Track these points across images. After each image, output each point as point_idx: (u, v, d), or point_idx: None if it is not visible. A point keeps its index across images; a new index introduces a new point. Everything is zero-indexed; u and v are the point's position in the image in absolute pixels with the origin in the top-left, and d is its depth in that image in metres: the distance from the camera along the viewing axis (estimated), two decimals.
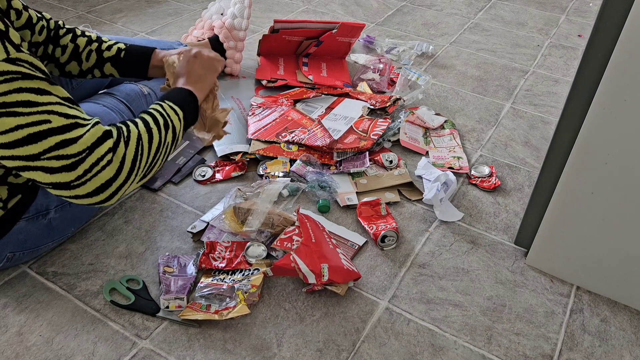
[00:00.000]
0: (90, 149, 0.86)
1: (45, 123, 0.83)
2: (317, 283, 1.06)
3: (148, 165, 0.95)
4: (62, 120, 0.84)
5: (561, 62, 2.07)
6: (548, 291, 1.16)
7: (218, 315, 1.03)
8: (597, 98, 0.96)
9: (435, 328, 1.07)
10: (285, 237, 1.16)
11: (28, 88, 0.82)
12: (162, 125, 0.98)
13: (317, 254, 1.09)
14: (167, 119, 1.00)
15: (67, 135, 0.85)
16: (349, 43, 1.89)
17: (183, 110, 1.04)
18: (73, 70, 1.21)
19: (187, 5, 2.34)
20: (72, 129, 0.85)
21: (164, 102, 1.03)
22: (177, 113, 1.03)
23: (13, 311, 1.05)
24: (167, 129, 0.99)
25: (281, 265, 1.07)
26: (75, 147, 0.85)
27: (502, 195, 1.41)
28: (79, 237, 1.21)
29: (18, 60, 0.82)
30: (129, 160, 0.90)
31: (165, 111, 1.01)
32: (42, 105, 0.83)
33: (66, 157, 0.84)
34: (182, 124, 1.04)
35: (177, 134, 1.03)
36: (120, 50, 1.22)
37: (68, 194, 0.87)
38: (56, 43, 1.17)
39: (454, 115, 1.71)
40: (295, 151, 1.46)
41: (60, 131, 0.84)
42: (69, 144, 0.84)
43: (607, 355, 1.04)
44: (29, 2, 2.28)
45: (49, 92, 0.85)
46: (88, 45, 1.20)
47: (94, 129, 0.87)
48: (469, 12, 2.44)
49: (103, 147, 0.87)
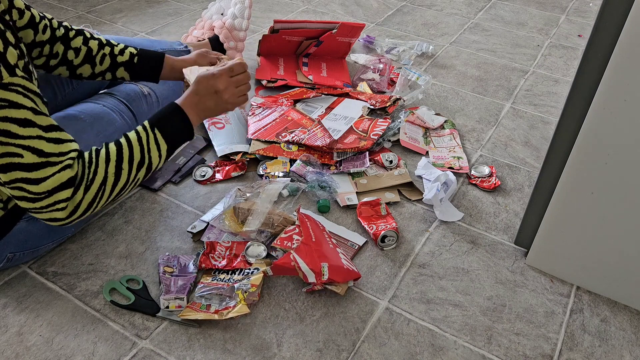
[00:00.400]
0: (49, 193, 0.89)
1: (17, 156, 0.86)
2: (317, 282, 1.06)
3: (109, 202, 0.97)
4: (34, 158, 0.87)
5: (561, 62, 2.07)
6: (548, 291, 1.16)
7: (218, 315, 1.03)
8: (597, 98, 0.96)
9: (435, 328, 1.07)
10: (285, 236, 1.16)
11: (13, 118, 0.84)
12: (135, 164, 0.97)
13: (317, 253, 1.09)
14: (146, 156, 0.98)
15: (33, 174, 0.87)
16: (349, 43, 1.89)
17: (169, 143, 1.01)
18: (84, 73, 1.22)
19: (187, 5, 2.34)
20: (40, 168, 0.88)
21: (153, 131, 0.99)
22: (160, 148, 1.00)
23: (13, 311, 1.05)
24: (141, 167, 0.98)
25: (281, 264, 1.07)
26: (36, 188, 0.88)
27: (502, 195, 1.41)
28: (79, 237, 1.21)
29: (11, 85, 0.83)
30: (85, 204, 0.93)
31: (148, 146, 0.98)
32: (21, 139, 0.85)
33: (27, 192, 0.88)
34: (164, 157, 1.02)
35: (154, 168, 1.01)
36: (133, 56, 1.23)
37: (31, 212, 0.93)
38: (68, 45, 1.17)
39: (454, 115, 1.71)
40: (295, 151, 1.46)
41: (28, 168, 0.87)
42: (32, 183, 0.88)
43: (607, 355, 1.04)
44: (29, 2, 2.28)
45: (32, 124, 0.86)
46: (101, 49, 1.21)
47: (60, 175, 0.89)
48: (469, 12, 2.44)
49: (61, 194, 0.89)
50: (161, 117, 1.02)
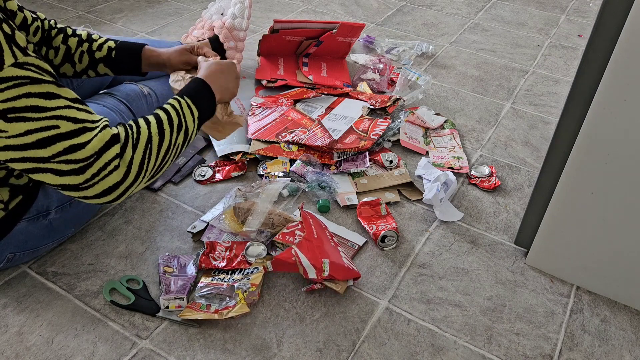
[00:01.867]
0: (97, 154, 0.86)
1: (54, 128, 0.84)
2: (318, 278, 1.06)
3: (156, 166, 0.95)
4: (71, 125, 0.85)
5: (561, 62, 2.07)
6: (548, 291, 1.16)
7: (218, 315, 1.03)
8: (597, 98, 0.96)
9: (435, 328, 1.07)
10: (287, 232, 1.16)
11: (37, 93, 0.83)
12: (175, 126, 0.97)
13: (319, 250, 1.09)
14: (182, 120, 0.99)
15: (75, 140, 0.85)
16: (349, 43, 1.89)
17: (199, 110, 1.03)
18: (67, 72, 1.21)
19: (187, 5, 2.34)
20: (80, 134, 0.86)
21: (183, 98, 1.02)
22: (193, 113, 1.02)
23: (13, 311, 1.05)
24: (180, 130, 0.98)
25: (282, 258, 1.07)
26: (83, 152, 0.86)
27: (502, 195, 1.41)
28: (79, 237, 1.21)
29: (26, 64, 0.82)
30: (136, 164, 0.90)
31: (182, 110, 1.00)
32: (51, 110, 0.84)
33: (74, 162, 0.85)
34: (196, 124, 1.03)
35: (190, 135, 1.02)
36: (111, 50, 1.22)
37: (77, 195, 0.89)
38: (49, 44, 1.17)
39: (454, 115, 1.71)
40: (295, 151, 1.46)
41: (68, 136, 0.85)
42: (77, 149, 0.85)
43: (607, 355, 1.04)
44: (29, 2, 2.28)
45: (57, 96, 0.85)
46: (79, 47, 1.20)
47: (102, 134, 0.87)
48: (469, 12, 2.44)
49: (110, 152, 0.87)
50: (190, 88, 1.05)
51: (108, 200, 0.91)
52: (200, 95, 1.05)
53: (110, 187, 0.89)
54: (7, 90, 0.80)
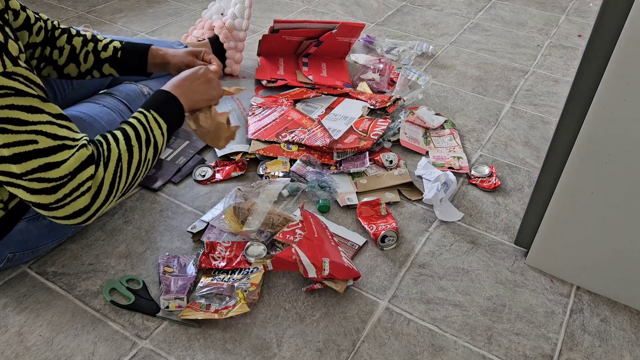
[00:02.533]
0: (72, 175, 0.86)
1: (32, 143, 0.83)
2: (318, 277, 1.06)
3: (127, 184, 0.94)
4: (49, 142, 0.84)
5: (561, 62, 2.07)
6: (548, 291, 1.16)
7: (218, 315, 1.03)
8: (597, 98, 0.96)
9: (435, 328, 1.07)
10: (288, 231, 1.16)
11: (20, 105, 0.82)
12: (143, 141, 0.96)
13: (319, 249, 1.09)
14: (150, 134, 0.97)
15: (52, 158, 0.84)
16: (349, 43, 1.89)
17: (168, 123, 1.01)
18: (72, 73, 1.21)
19: (187, 5, 2.34)
20: (58, 152, 0.85)
21: (149, 112, 1.00)
22: (161, 126, 1.00)
23: (13, 311, 1.05)
24: (149, 145, 0.97)
25: (282, 257, 1.07)
26: (57, 172, 0.85)
27: (502, 195, 1.41)
28: (79, 237, 1.21)
29: (14, 74, 0.81)
30: (107, 184, 0.90)
31: (149, 124, 0.98)
32: (32, 125, 0.83)
33: (47, 181, 0.84)
34: (165, 137, 1.01)
35: (159, 148, 1.00)
36: (117, 50, 1.21)
37: (46, 214, 0.88)
38: (53, 45, 1.16)
39: (454, 115, 1.71)
40: (295, 151, 1.46)
41: (45, 153, 0.84)
42: (52, 167, 0.84)
43: (607, 355, 1.04)
44: (29, 2, 2.28)
45: (40, 110, 0.84)
46: (85, 46, 1.19)
47: (79, 153, 0.86)
48: (469, 12, 2.44)
49: (85, 174, 0.87)
50: (153, 100, 1.03)
51: (78, 222, 0.90)
52: (166, 106, 1.03)
53: (81, 209, 0.88)
54: None
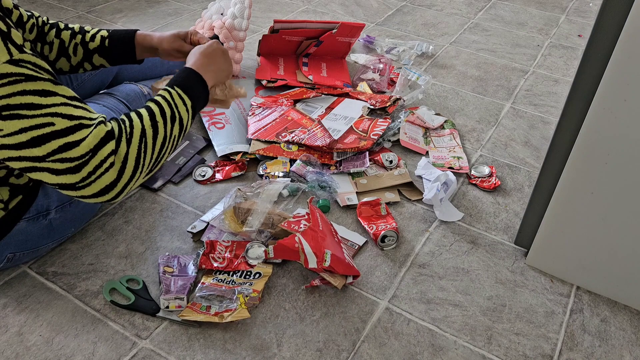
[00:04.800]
0: (92, 152, 0.85)
1: (48, 126, 0.83)
2: (318, 267, 1.06)
3: (153, 161, 0.93)
4: (66, 123, 0.84)
5: (561, 62, 2.07)
6: (548, 291, 1.16)
7: (218, 318, 1.03)
8: (597, 98, 0.96)
9: (435, 328, 1.07)
10: (294, 221, 1.16)
11: (32, 90, 0.82)
12: (168, 117, 0.95)
13: (323, 240, 1.10)
14: (175, 110, 0.97)
15: (70, 137, 0.84)
16: (349, 43, 1.89)
17: (192, 99, 1.01)
18: (64, 67, 1.21)
19: (187, 5, 2.35)
20: (76, 131, 0.85)
21: (173, 88, 0.99)
22: (186, 103, 0.99)
23: (13, 311, 1.05)
24: (174, 122, 0.96)
25: (285, 244, 1.07)
26: (78, 150, 0.84)
27: (502, 195, 1.41)
28: (79, 237, 1.21)
29: (21, 61, 0.82)
30: (132, 160, 0.89)
31: (173, 101, 0.97)
32: (46, 108, 0.83)
33: (70, 160, 0.84)
34: (190, 113, 1.01)
35: (185, 125, 1.00)
36: (104, 39, 1.20)
37: (75, 194, 0.88)
38: (43, 40, 1.16)
39: (454, 115, 1.71)
40: (295, 151, 1.46)
41: (63, 134, 0.84)
42: (72, 147, 0.84)
43: (607, 355, 1.04)
44: (29, 1, 2.28)
45: (53, 93, 0.84)
46: (73, 39, 1.19)
47: (97, 130, 0.86)
48: (469, 12, 2.44)
49: (105, 149, 0.86)
50: (178, 77, 1.02)
51: (107, 199, 0.89)
52: (191, 83, 1.03)
53: (108, 185, 0.87)
54: (2, 87, 0.80)
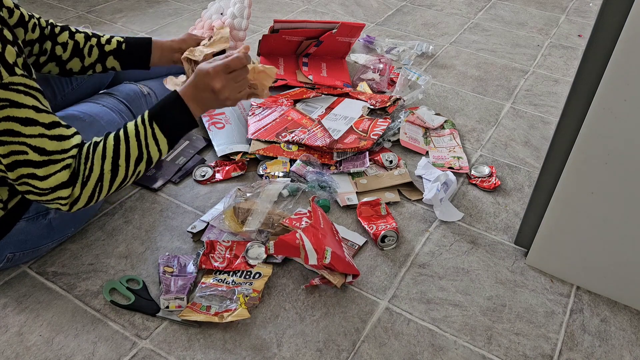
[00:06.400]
0: (52, 190, 0.92)
1: (22, 154, 0.89)
2: (318, 264, 1.06)
3: (110, 192, 0.99)
4: (37, 157, 0.89)
5: (561, 62, 2.07)
6: (548, 291, 1.16)
7: (218, 318, 1.03)
8: (597, 98, 0.96)
9: (435, 328, 1.07)
10: (295, 217, 1.16)
11: (15, 117, 0.86)
12: (133, 159, 0.97)
13: (324, 238, 1.10)
14: (144, 151, 0.98)
15: (38, 171, 0.90)
16: (349, 43, 1.89)
17: (168, 137, 0.99)
18: (74, 67, 1.22)
19: (187, 5, 2.34)
20: (43, 166, 0.90)
21: (152, 125, 0.97)
22: (159, 143, 0.99)
23: (13, 311, 1.05)
24: (140, 162, 0.98)
25: (286, 240, 1.07)
26: (40, 184, 0.91)
27: (502, 195, 1.41)
28: (79, 237, 1.21)
29: (11, 84, 0.84)
30: (84, 198, 0.95)
31: (146, 140, 0.97)
32: (24, 137, 0.88)
33: (33, 187, 0.91)
34: (164, 151, 1.01)
35: (154, 162, 1.01)
36: (120, 43, 1.24)
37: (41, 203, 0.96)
38: (55, 41, 1.18)
39: (454, 115, 1.71)
40: (295, 151, 1.46)
41: (33, 165, 0.90)
42: (37, 179, 0.90)
43: (607, 355, 1.04)
44: (29, 1, 2.28)
45: (34, 122, 0.88)
46: (88, 41, 1.22)
47: (60, 175, 0.91)
48: (469, 12, 2.44)
49: (62, 193, 0.92)
50: (160, 108, 0.99)
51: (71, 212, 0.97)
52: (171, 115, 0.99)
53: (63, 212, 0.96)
54: None
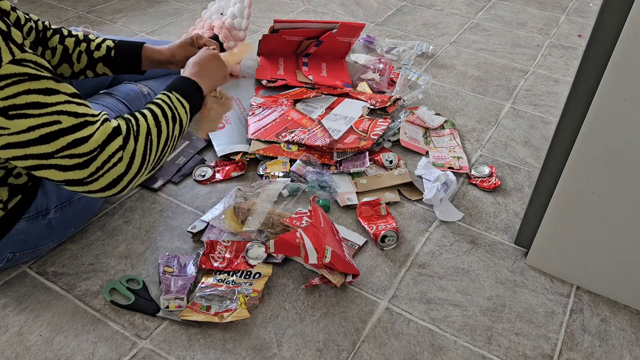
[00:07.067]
0: (101, 147, 0.88)
1: (56, 124, 0.85)
2: (318, 263, 1.06)
3: (157, 158, 0.97)
4: (72, 120, 0.86)
5: (561, 62, 2.07)
6: (548, 291, 1.16)
7: (218, 318, 1.03)
8: (597, 98, 0.96)
9: (435, 328, 1.07)
10: (296, 217, 1.16)
11: (36, 89, 0.83)
12: (170, 118, 0.99)
13: (324, 237, 1.10)
14: (175, 112, 1.01)
15: (78, 134, 0.86)
16: (349, 43, 1.89)
17: (189, 103, 1.05)
18: (65, 73, 1.21)
19: (187, 5, 2.34)
20: (82, 128, 0.87)
21: (172, 93, 1.03)
22: (184, 105, 1.04)
23: (13, 311, 1.05)
24: (175, 122, 1.00)
25: (286, 239, 1.07)
26: (86, 146, 0.87)
27: (502, 195, 1.41)
28: (79, 237, 1.21)
29: (24, 60, 0.83)
30: (139, 155, 0.92)
31: (172, 103, 1.01)
32: (52, 106, 0.85)
33: (78, 156, 0.87)
34: (188, 116, 1.05)
35: (184, 126, 1.04)
36: (110, 49, 1.22)
37: (81, 190, 0.90)
38: (45, 45, 1.17)
39: (454, 115, 1.71)
40: (295, 151, 1.46)
41: (71, 131, 0.86)
42: (81, 143, 0.86)
43: (607, 355, 1.04)
44: (29, 1, 2.28)
45: (56, 91, 0.86)
46: (77, 47, 1.20)
47: (104, 127, 0.89)
48: (469, 12, 2.44)
49: (113, 145, 0.89)
50: (172, 84, 1.06)
51: (112, 193, 0.92)
52: (188, 89, 1.06)
53: (115, 179, 0.90)
54: (7, 87, 0.81)
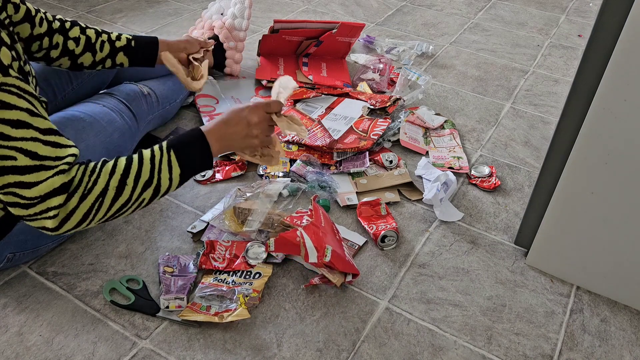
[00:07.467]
0: (42, 199, 0.84)
1: (10, 159, 0.82)
2: (318, 262, 1.06)
3: (106, 218, 0.91)
4: (28, 161, 0.83)
5: (561, 62, 2.07)
6: (548, 291, 1.16)
7: (218, 318, 1.03)
8: (597, 98, 0.96)
9: (435, 328, 1.07)
10: (296, 216, 1.16)
11: (5, 119, 0.81)
12: (141, 182, 0.91)
13: (324, 236, 1.10)
14: (154, 177, 0.92)
15: (27, 177, 0.83)
16: (349, 43, 1.89)
17: (182, 169, 0.95)
18: (86, 62, 1.24)
19: (187, 5, 2.34)
20: (34, 172, 0.83)
21: (169, 152, 0.94)
22: (172, 172, 0.94)
23: (13, 311, 1.05)
24: (147, 187, 0.92)
25: (286, 237, 1.07)
26: (29, 192, 0.84)
27: (502, 195, 1.41)
28: (79, 237, 1.21)
29: (4, 85, 0.80)
30: (79, 215, 0.87)
31: (160, 165, 0.93)
32: (14, 141, 0.82)
33: (20, 197, 0.84)
34: (175, 183, 0.95)
35: (162, 192, 0.95)
36: (130, 40, 1.28)
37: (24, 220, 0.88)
38: (66, 36, 1.19)
39: (454, 115, 1.71)
40: (295, 151, 1.46)
41: (21, 171, 0.83)
42: (25, 187, 0.83)
43: (607, 355, 1.04)
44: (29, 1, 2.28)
45: (27, 125, 0.83)
46: (99, 37, 1.24)
47: (52, 180, 0.84)
48: (469, 12, 2.44)
49: (53, 201, 0.85)
50: (181, 139, 0.96)
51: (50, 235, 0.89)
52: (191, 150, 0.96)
53: (46, 227, 0.87)
54: None
